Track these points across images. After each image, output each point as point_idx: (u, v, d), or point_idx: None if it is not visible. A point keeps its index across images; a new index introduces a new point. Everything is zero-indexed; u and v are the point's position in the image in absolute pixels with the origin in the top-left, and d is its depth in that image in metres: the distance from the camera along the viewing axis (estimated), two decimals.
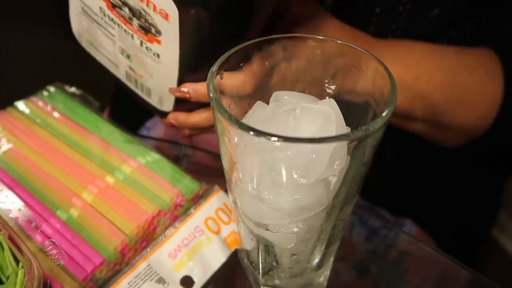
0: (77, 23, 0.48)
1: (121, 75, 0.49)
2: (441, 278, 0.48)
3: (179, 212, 0.43)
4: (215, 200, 0.43)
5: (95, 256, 0.38)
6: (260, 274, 0.37)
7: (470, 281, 0.47)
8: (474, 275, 0.45)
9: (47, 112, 0.50)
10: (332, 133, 0.29)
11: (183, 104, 0.45)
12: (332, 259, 0.37)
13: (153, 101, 0.48)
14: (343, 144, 0.27)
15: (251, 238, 0.34)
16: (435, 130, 0.55)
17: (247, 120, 0.33)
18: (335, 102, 0.31)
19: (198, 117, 0.46)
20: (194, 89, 0.43)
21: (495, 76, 0.51)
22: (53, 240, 0.39)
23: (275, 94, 0.33)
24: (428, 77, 0.50)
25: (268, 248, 0.34)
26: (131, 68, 0.46)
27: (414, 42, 0.52)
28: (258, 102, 0.33)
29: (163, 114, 0.48)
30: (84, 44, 0.50)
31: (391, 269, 0.50)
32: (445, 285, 0.48)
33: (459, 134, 0.55)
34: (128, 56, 0.45)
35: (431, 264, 0.49)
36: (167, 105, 0.47)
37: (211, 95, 0.29)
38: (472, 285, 0.47)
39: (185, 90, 0.43)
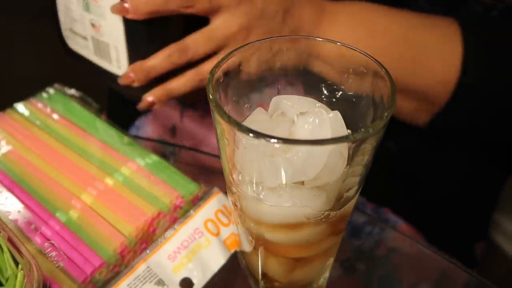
0: (64, 19, 0.50)
1: (90, 51, 0.49)
2: (433, 274, 0.48)
3: (179, 214, 0.43)
4: (215, 202, 0.43)
5: (95, 258, 0.38)
6: (260, 275, 0.37)
7: (466, 280, 0.47)
8: (471, 275, 0.45)
9: (47, 114, 0.50)
10: (330, 135, 0.29)
11: (137, 56, 0.46)
12: (331, 260, 0.37)
13: (113, 66, 0.48)
14: (343, 146, 0.27)
15: (251, 240, 0.34)
16: (401, 99, 0.53)
17: (246, 123, 0.33)
18: (339, 114, 0.30)
19: (155, 60, 0.46)
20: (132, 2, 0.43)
21: (454, 40, 0.50)
22: (53, 242, 0.39)
23: (275, 99, 0.33)
24: (382, 31, 0.49)
25: (267, 249, 0.34)
26: (92, 25, 0.47)
27: (369, 3, 0.51)
28: (259, 108, 0.33)
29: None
30: (71, 42, 0.51)
31: (379, 264, 0.50)
32: (439, 283, 0.48)
33: (423, 104, 0.53)
34: (87, 6, 0.46)
35: (419, 259, 0.49)
36: (123, 64, 0.48)
37: (210, 97, 0.29)
38: (469, 285, 0.47)
39: (126, 5, 0.43)
